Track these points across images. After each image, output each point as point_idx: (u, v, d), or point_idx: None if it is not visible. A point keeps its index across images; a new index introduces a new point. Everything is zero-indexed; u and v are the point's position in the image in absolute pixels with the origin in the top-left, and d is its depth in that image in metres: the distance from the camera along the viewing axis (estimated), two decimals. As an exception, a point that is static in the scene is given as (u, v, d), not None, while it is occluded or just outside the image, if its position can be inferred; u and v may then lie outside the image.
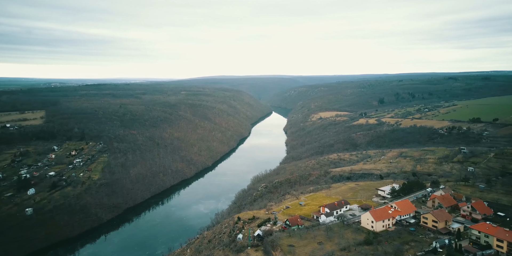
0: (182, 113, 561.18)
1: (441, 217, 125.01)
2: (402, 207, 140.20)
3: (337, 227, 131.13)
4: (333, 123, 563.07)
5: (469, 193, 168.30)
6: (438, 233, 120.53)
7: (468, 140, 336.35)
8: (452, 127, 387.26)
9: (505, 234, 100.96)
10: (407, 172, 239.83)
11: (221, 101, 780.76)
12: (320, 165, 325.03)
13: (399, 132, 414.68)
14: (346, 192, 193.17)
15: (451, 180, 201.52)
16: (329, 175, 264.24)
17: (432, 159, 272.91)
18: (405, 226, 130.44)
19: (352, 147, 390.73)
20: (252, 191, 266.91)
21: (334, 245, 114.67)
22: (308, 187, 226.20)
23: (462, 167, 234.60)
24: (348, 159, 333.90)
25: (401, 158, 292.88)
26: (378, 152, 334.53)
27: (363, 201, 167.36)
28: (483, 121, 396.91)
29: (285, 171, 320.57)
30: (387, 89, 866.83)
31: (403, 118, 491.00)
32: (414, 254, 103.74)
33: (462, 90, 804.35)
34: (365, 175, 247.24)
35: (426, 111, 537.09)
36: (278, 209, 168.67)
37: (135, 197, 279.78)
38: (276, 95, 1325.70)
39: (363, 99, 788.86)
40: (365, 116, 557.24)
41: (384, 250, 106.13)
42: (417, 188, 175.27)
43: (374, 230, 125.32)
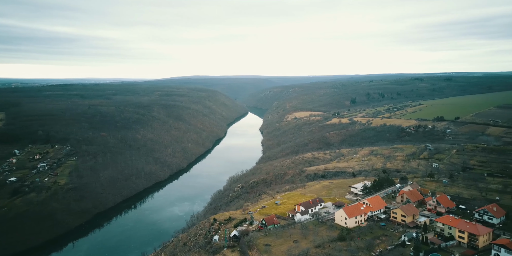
0: (156, 114, 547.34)
1: (409, 212, 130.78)
2: (373, 203, 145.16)
3: (312, 225, 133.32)
4: (308, 123, 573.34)
5: (434, 188, 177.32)
6: (406, 227, 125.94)
7: (433, 137, 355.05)
8: (419, 125, 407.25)
9: (466, 225, 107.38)
10: (377, 169, 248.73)
11: (196, 102, 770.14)
12: (295, 164, 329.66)
13: (370, 131, 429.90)
14: (320, 190, 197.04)
15: (418, 176, 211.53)
16: (304, 174, 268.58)
17: (401, 156, 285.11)
18: (376, 221, 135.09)
19: (326, 146, 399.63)
20: (228, 192, 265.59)
21: (309, 242, 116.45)
22: (284, 186, 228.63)
23: (427, 163, 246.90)
24: (322, 157, 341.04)
25: (372, 156, 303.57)
26: (351, 151, 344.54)
27: (337, 199, 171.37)
28: (446, 120, 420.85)
29: (261, 171, 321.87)
30: (358, 90, 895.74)
31: (374, 117, 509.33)
32: (385, 248, 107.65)
33: (427, 90, 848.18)
34: (338, 173, 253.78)
35: (395, 110, 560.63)
36: (254, 209, 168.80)
37: (106, 202, 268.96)
38: (251, 95, 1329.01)
39: (336, 99, 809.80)
40: (338, 116, 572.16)
41: (356, 245, 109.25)
42: (387, 184, 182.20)
43: (347, 226, 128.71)
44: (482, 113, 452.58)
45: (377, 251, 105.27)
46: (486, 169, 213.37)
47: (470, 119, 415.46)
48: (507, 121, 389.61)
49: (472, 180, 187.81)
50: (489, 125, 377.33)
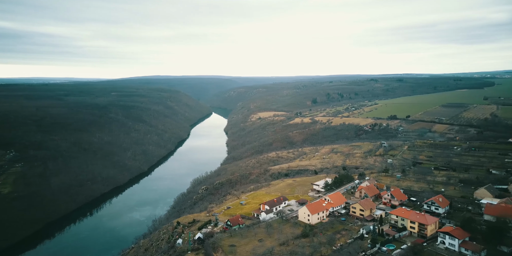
0: (114, 115, 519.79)
1: (367, 206, 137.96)
2: (334, 199, 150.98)
3: (276, 223, 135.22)
4: (272, 123, 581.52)
5: (389, 182, 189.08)
6: (364, 220, 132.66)
7: (387, 135, 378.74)
8: (375, 124, 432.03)
9: (417, 216, 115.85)
10: (338, 166, 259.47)
11: (157, 102, 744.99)
12: (260, 163, 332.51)
13: (330, 130, 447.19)
14: (284, 189, 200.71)
15: (374, 171, 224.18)
16: (268, 173, 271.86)
17: (359, 153, 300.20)
18: (337, 216, 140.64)
19: (289, 145, 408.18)
20: (192, 194, 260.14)
21: (274, 240, 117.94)
22: (249, 186, 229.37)
23: (383, 159, 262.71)
24: (286, 156, 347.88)
25: (333, 154, 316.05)
26: (313, 149, 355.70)
27: (300, 196, 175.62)
28: (399, 118, 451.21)
29: (226, 172, 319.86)
30: (319, 90, 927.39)
31: (334, 117, 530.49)
32: (345, 242, 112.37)
33: (382, 90, 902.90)
34: (301, 171, 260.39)
35: (353, 109, 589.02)
36: (219, 210, 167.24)
37: (58, 210, 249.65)
38: (215, 95, 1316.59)
39: (298, 99, 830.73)
40: (301, 116, 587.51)
41: (319, 241, 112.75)
42: (347, 180, 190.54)
43: (310, 223, 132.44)
44: (429, 111, 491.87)
45: (338, 245, 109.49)
46: (433, 163, 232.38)
47: (419, 117, 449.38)
48: (450, 119, 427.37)
49: (421, 174, 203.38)
50: (435, 122, 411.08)
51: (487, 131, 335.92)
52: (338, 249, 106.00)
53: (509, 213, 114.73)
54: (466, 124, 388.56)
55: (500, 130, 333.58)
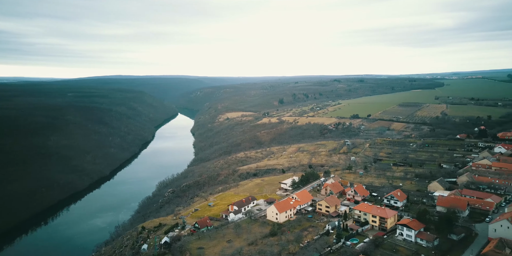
0: (71, 117, 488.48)
1: (332, 203, 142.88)
2: (301, 197, 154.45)
3: (245, 223, 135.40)
4: (240, 123, 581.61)
5: (352, 179, 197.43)
6: (330, 216, 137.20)
7: (350, 133, 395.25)
8: (338, 123, 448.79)
9: (377, 210, 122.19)
10: (304, 164, 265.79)
11: (119, 103, 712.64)
12: (229, 164, 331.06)
13: (297, 129, 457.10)
14: (253, 188, 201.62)
15: (339, 169, 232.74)
16: (237, 174, 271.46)
17: (324, 151, 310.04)
18: (304, 214, 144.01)
19: (257, 145, 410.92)
20: (158, 198, 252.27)
21: (243, 241, 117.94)
22: (217, 187, 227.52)
23: (346, 157, 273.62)
24: (254, 156, 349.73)
25: (300, 153, 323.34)
26: (280, 148, 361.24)
27: (268, 195, 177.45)
28: (360, 117, 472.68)
29: (193, 174, 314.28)
30: (285, 90, 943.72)
31: (300, 116, 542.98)
32: (312, 238, 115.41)
33: (345, 90, 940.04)
34: (269, 171, 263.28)
35: (318, 109, 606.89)
36: (186, 213, 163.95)
37: (7, 220, 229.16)
38: (181, 96, 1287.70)
39: (265, 99, 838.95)
40: (268, 116, 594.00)
41: (287, 239, 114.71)
42: (313, 178, 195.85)
43: (279, 221, 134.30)
44: (387, 110, 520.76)
45: (305, 242, 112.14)
46: (392, 159, 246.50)
47: (379, 116, 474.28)
48: (406, 117, 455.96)
49: (382, 170, 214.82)
50: (393, 121, 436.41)
51: (438, 128, 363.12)
52: (305, 246, 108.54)
53: (457, 204, 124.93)
54: (420, 122, 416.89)
55: (449, 127, 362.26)
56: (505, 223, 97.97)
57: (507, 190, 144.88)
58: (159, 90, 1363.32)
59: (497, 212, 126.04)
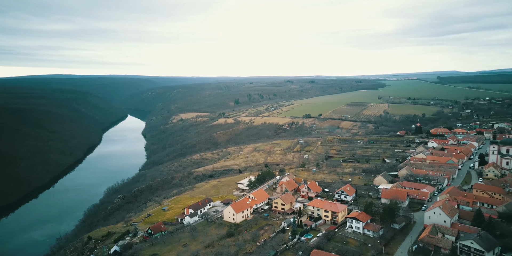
0: (1, 120, 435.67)
1: (287, 200, 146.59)
2: (258, 196, 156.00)
3: (201, 226, 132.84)
4: (195, 124, 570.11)
5: (306, 176, 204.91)
6: (286, 214, 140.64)
7: (303, 132, 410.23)
8: (292, 122, 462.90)
9: (329, 205, 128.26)
10: (261, 164, 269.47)
11: (60, 105, 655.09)
12: (183, 166, 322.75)
13: (253, 129, 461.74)
14: (209, 190, 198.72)
15: (293, 167, 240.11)
16: (192, 176, 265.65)
17: (279, 150, 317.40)
18: (261, 213, 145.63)
19: (213, 146, 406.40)
20: (107, 205, 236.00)
21: (199, 244, 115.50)
22: (172, 191, 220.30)
23: (300, 155, 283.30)
24: (210, 158, 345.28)
25: (256, 152, 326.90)
26: (237, 149, 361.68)
27: (225, 196, 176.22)
28: (312, 116, 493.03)
29: (145, 178, 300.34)
30: (241, 91, 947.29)
31: (256, 116, 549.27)
32: (268, 237, 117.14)
33: (297, 91, 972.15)
34: (226, 171, 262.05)
35: (273, 109, 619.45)
36: (138, 219, 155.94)
37: None
38: (131, 96, 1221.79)
39: (221, 100, 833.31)
40: (224, 116, 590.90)
41: (244, 238, 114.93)
42: (269, 177, 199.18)
43: (235, 222, 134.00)
44: (337, 110, 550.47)
45: (262, 240, 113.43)
46: (342, 156, 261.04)
47: (329, 116, 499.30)
48: (353, 116, 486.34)
49: (333, 166, 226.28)
50: (342, 120, 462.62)
51: (381, 126, 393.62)
52: (262, 244, 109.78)
53: (399, 195, 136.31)
54: (366, 120, 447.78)
55: (391, 125, 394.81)
56: (437, 211, 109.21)
57: (439, 181, 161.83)
58: (106, 90, 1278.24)
59: (431, 201, 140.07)
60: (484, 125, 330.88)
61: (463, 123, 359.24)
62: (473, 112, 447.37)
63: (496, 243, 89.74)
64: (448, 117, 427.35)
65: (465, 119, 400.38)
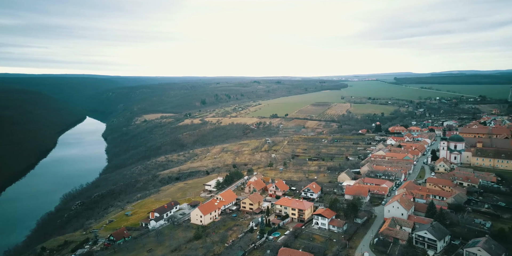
0: None
1: (255, 200, 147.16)
2: (226, 197, 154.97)
3: (167, 230, 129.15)
4: (159, 125, 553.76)
5: (273, 175, 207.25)
6: (254, 213, 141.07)
7: (271, 132, 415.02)
8: (260, 122, 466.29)
9: (296, 203, 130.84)
10: (229, 164, 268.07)
11: (9, 106, 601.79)
12: (148, 169, 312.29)
13: (220, 130, 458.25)
14: (175, 193, 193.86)
15: (261, 166, 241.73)
16: (157, 179, 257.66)
17: (247, 150, 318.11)
18: (229, 213, 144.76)
19: (180, 148, 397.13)
20: (63, 212, 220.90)
21: (165, 248, 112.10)
22: (136, 195, 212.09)
23: (268, 155, 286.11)
24: (176, 159, 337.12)
25: (224, 153, 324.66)
26: (204, 150, 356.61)
27: (192, 199, 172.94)
28: (279, 116, 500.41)
29: (107, 182, 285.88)
30: (207, 91, 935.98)
31: (223, 117, 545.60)
32: (236, 237, 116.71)
33: (264, 91, 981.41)
34: (193, 173, 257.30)
35: (240, 110, 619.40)
36: (99, 225, 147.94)
37: None
38: (90, 97, 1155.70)
39: (186, 100, 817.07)
40: (190, 117, 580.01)
41: (212, 240, 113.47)
42: (237, 177, 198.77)
43: (203, 224, 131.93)
44: (302, 110, 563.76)
45: (230, 241, 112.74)
46: (307, 155, 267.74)
47: (295, 115, 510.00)
48: (318, 116, 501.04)
49: (299, 165, 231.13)
50: (307, 119, 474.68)
51: (344, 125, 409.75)
52: (230, 245, 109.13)
53: (361, 191, 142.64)
54: (330, 120, 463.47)
55: (353, 123, 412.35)
56: (396, 204, 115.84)
57: (397, 176, 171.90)
58: (62, 91, 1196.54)
59: (390, 195, 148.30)
60: (435, 123, 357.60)
61: (417, 121, 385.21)
62: (425, 111, 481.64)
63: (446, 232, 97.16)
64: (404, 115, 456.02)
65: (419, 118, 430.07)
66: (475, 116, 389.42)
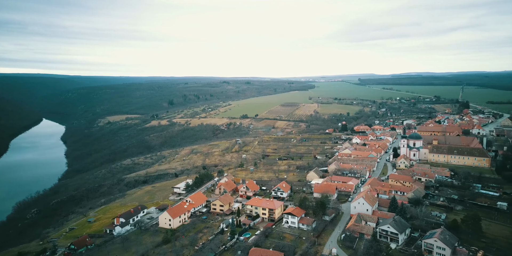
0: None
1: (226, 201, 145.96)
2: (195, 200, 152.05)
3: (134, 235, 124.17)
4: (125, 127, 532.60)
5: (244, 175, 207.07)
6: (224, 215, 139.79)
7: (241, 132, 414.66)
8: (230, 123, 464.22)
9: (267, 203, 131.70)
10: (198, 166, 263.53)
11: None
12: (113, 173, 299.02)
13: (189, 131, 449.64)
14: (142, 197, 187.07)
15: (231, 167, 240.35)
16: (123, 183, 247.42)
17: (217, 151, 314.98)
18: (199, 216, 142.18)
19: (146, 150, 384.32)
20: (16, 222, 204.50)
21: (132, 254, 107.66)
22: (99, 200, 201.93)
23: (238, 155, 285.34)
24: (143, 162, 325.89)
25: (193, 155, 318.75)
26: (172, 152, 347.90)
27: (160, 202, 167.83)
28: (249, 117, 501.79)
29: (67, 188, 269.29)
30: (175, 91, 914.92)
31: (192, 118, 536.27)
32: (207, 239, 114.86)
33: (234, 92, 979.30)
34: (161, 176, 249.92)
35: (210, 110, 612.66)
36: (58, 234, 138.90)
37: None
38: (47, 98, 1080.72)
39: (153, 101, 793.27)
40: (157, 118, 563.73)
41: (181, 244, 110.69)
42: (207, 179, 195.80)
43: (172, 227, 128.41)
44: (272, 110, 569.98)
45: (200, 244, 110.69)
46: (277, 154, 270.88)
47: (265, 116, 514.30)
48: (287, 116, 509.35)
49: (269, 164, 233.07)
50: (277, 119, 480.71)
51: (312, 124, 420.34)
52: (200, 248, 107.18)
53: (328, 189, 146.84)
54: (298, 120, 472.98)
55: (320, 123, 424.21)
56: (361, 201, 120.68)
57: (362, 173, 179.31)
58: (15, 91, 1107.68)
59: (356, 192, 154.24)
60: (396, 122, 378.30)
61: (380, 121, 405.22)
62: (387, 111, 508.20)
63: (406, 225, 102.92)
64: (368, 115, 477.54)
65: (382, 117, 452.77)
66: (431, 115, 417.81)
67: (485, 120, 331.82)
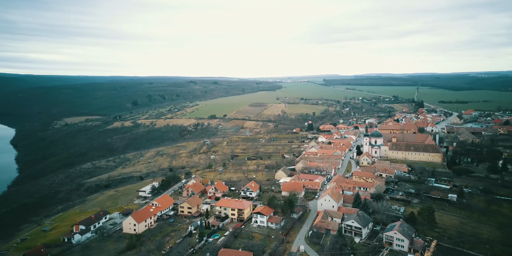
0: None
1: (194, 203, 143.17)
2: (162, 203, 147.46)
3: (96, 243, 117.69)
4: (84, 129, 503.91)
5: (213, 177, 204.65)
6: (192, 217, 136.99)
7: (209, 133, 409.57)
8: (197, 123, 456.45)
9: (236, 203, 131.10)
10: (165, 168, 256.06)
11: None
12: (71, 178, 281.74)
13: (155, 132, 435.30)
14: (105, 202, 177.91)
15: (200, 169, 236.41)
16: (83, 188, 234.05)
17: (185, 153, 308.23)
18: (166, 219, 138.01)
19: (109, 153, 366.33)
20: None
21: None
22: (56, 207, 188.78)
23: (207, 156, 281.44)
24: (105, 166, 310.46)
25: (159, 157, 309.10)
26: (137, 154, 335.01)
27: (124, 207, 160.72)
28: (217, 117, 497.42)
29: (18, 196, 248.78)
30: (139, 91, 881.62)
31: (157, 119, 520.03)
32: (174, 243, 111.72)
33: (201, 92, 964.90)
34: (125, 179, 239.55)
35: (176, 111, 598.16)
36: (8, 246, 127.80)
37: None
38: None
39: (116, 101, 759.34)
40: (120, 119, 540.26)
41: (147, 249, 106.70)
42: (174, 181, 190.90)
43: (137, 232, 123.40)
44: (240, 110, 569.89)
45: (167, 248, 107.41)
46: (246, 154, 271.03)
47: (234, 116, 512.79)
48: (255, 116, 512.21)
49: (238, 165, 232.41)
50: (245, 119, 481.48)
51: (280, 124, 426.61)
52: (168, 252, 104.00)
53: (296, 187, 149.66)
54: (267, 120, 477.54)
55: (288, 123, 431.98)
56: (327, 198, 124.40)
57: (328, 171, 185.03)
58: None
59: (322, 189, 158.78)
60: (359, 121, 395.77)
61: (344, 120, 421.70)
62: (351, 110, 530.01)
63: (369, 220, 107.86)
64: (333, 114, 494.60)
65: (345, 116, 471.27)
66: (390, 114, 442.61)
67: (437, 118, 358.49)
